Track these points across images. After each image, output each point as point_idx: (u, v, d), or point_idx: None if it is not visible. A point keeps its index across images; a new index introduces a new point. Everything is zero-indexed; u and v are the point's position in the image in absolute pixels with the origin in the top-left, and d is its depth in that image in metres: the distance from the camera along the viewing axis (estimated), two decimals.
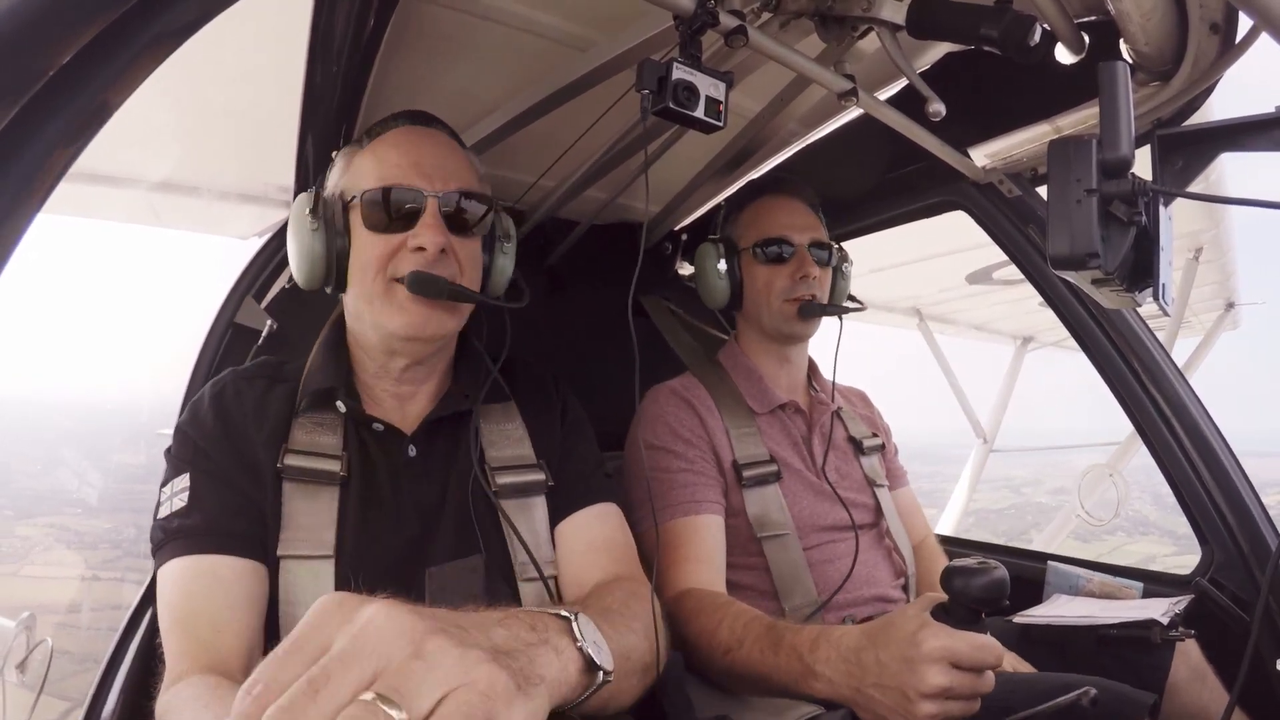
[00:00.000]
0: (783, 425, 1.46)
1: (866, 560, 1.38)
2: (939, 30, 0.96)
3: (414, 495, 1.01)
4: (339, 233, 1.01)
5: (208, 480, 0.94)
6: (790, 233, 1.43)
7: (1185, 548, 1.96)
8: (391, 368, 1.05)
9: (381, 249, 0.98)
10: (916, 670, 0.83)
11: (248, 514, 0.94)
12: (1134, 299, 0.76)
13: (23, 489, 6.33)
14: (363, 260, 0.99)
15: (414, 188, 0.98)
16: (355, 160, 1.04)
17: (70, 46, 0.48)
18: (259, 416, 1.00)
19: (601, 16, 1.18)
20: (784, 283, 1.41)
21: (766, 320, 1.44)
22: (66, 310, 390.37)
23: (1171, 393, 1.41)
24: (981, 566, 0.82)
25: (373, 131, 1.06)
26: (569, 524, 1.07)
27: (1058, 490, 26.47)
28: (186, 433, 0.98)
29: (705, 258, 1.48)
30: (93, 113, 0.51)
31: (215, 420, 0.98)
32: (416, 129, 1.06)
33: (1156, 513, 23.27)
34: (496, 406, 1.11)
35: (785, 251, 1.42)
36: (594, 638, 0.66)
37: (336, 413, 1.02)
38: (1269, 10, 0.73)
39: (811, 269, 1.40)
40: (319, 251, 1.00)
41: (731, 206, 1.54)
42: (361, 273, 0.99)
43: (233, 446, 0.97)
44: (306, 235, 1.00)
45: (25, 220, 0.49)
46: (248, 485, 0.95)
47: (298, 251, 1.01)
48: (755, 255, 1.44)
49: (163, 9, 0.52)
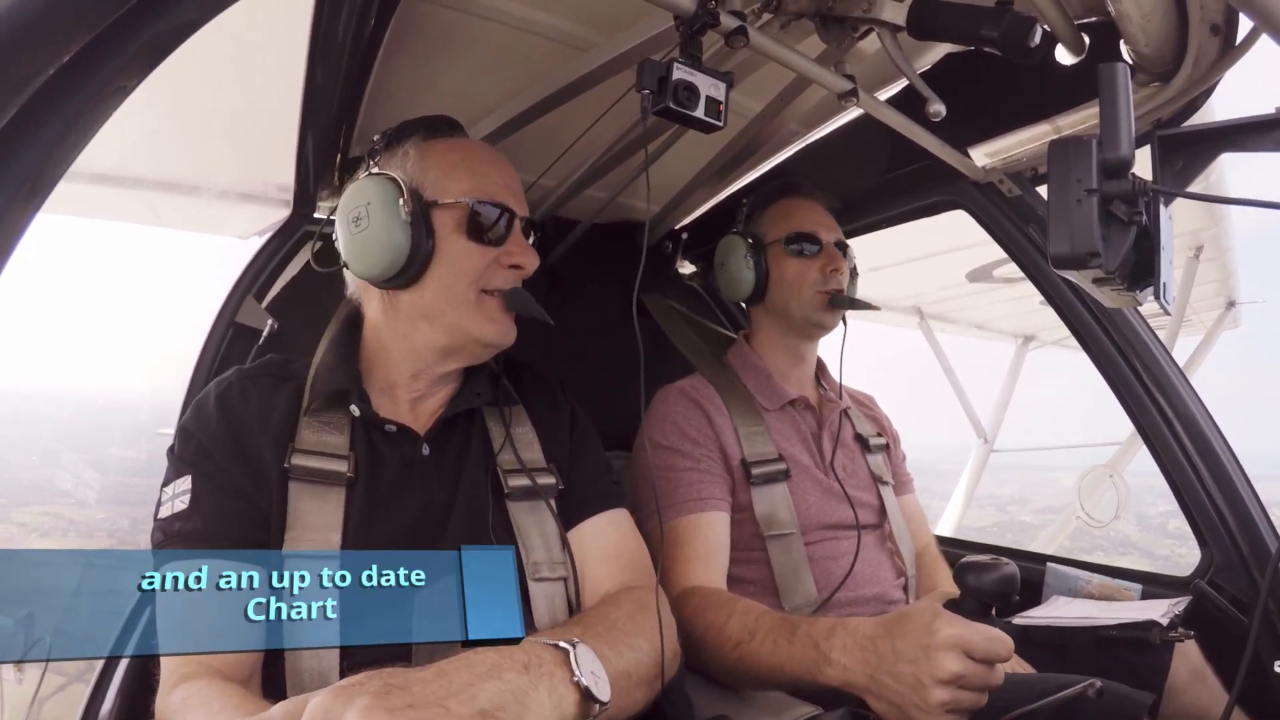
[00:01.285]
0: (793, 421, 1.46)
1: (869, 559, 1.39)
2: (939, 31, 0.96)
3: (425, 494, 1.01)
4: (425, 232, 0.98)
5: (209, 483, 0.94)
6: (820, 230, 1.49)
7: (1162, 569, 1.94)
8: (437, 370, 1.05)
9: (480, 261, 1.00)
10: (932, 657, 0.84)
11: (249, 518, 0.93)
12: (1135, 298, 0.76)
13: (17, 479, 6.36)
14: (458, 267, 0.99)
15: (509, 207, 1.03)
16: (434, 160, 1.02)
17: (70, 46, 0.48)
18: (265, 416, 0.99)
19: (602, 16, 1.18)
20: (815, 275, 1.45)
21: (796, 310, 1.47)
22: (65, 307, 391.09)
23: (1172, 392, 1.41)
24: (994, 562, 0.84)
25: (436, 130, 1.05)
26: (580, 531, 1.07)
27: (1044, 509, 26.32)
28: (191, 432, 0.97)
29: (732, 249, 1.51)
30: (93, 112, 0.51)
31: (220, 420, 0.97)
32: (483, 146, 1.10)
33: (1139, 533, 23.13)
34: (507, 410, 1.12)
35: (814, 248, 1.47)
36: (592, 667, 0.68)
37: (344, 412, 1.01)
38: (1269, 11, 0.73)
39: (841, 263, 1.46)
40: (403, 244, 0.96)
41: (756, 204, 1.57)
42: (454, 279, 0.99)
43: (237, 447, 0.96)
44: (395, 225, 0.96)
45: (25, 220, 0.49)
46: (250, 487, 0.94)
47: (381, 239, 0.96)
48: (787, 249, 1.47)
49: (163, 9, 0.52)
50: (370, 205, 0.97)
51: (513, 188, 1.05)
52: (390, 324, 1.05)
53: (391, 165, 1.02)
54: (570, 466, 1.11)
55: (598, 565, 1.05)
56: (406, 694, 0.59)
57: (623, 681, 0.77)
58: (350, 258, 1.01)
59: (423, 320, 1.02)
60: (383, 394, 1.06)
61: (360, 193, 0.99)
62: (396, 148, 1.04)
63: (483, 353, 1.06)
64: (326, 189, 1.50)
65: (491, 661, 0.63)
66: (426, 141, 1.04)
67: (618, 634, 0.83)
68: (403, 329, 1.04)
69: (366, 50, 1.13)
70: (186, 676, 0.82)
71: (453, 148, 1.04)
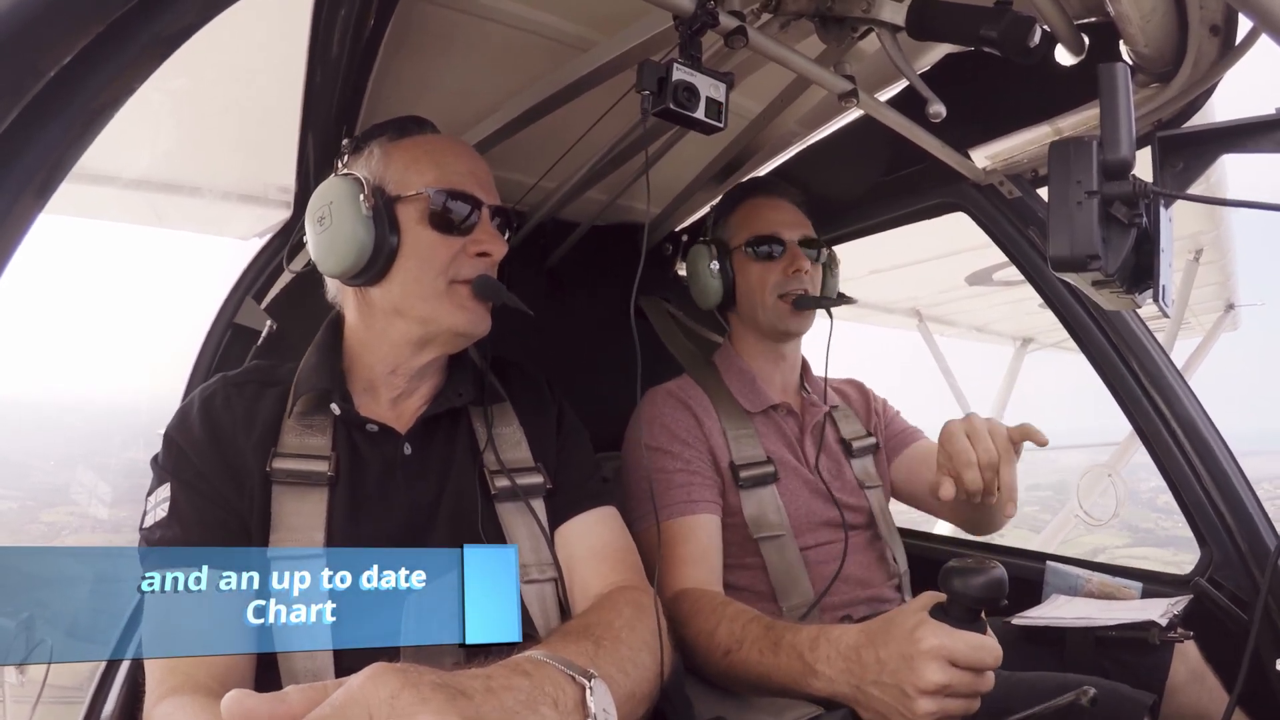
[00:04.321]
0: (776, 425, 1.46)
1: (861, 561, 1.39)
2: (939, 31, 0.96)
3: (409, 494, 1.01)
4: (389, 227, 0.99)
5: (188, 491, 0.93)
6: (780, 230, 1.45)
7: None
8: (414, 364, 1.05)
9: (446, 251, 1.00)
10: (915, 667, 0.83)
11: (228, 527, 0.93)
12: (1134, 300, 0.76)
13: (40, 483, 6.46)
14: (424, 259, 1.00)
15: (475, 196, 1.02)
16: (397, 156, 1.03)
17: (70, 46, 0.48)
18: (249, 422, 0.98)
19: (601, 16, 1.18)
20: (777, 278, 1.43)
21: (761, 317, 1.45)
22: (73, 312, 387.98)
23: (1171, 394, 1.41)
24: (979, 566, 0.82)
25: (405, 129, 1.06)
26: (569, 529, 1.07)
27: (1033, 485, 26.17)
28: (173, 439, 0.97)
29: (697, 259, 1.49)
30: (93, 113, 0.51)
31: (203, 428, 0.97)
32: (451, 139, 1.09)
33: None
34: (493, 409, 1.11)
35: (776, 249, 1.44)
36: (604, 704, 0.68)
37: (327, 414, 1.01)
38: (1269, 11, 0.73)
39: (803, 264, 1.42)
40: (365, 240, 0.97)
41: (721, 209, 1.56)
42: (421, 270, 1.00)
43: (219, 455, 0.95)
44: (357, 221, 0.97)
45: (27, 220, 0.49)
46: (232, 494, 0.94)
47: (344, 236, 0.97)
48: (747, 253, 1.46)
49: (163, 9, 0.52)
50: (332, 204, 0.98)
51: (479, 176, 1.04)
52: (366, 322, 1.05)
53: (357, 166, 1.03)
54: (558, 465, 1.11)
55: (587, 564, 1.04)
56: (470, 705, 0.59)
57: (628, 704, 0.78)
58: (318, 257, 1.01)
59: (395, 315, 1.03)
60: (364, 394, 1.06)
61: (323, 193, 1.00)
62: (363, 149, 1.05)
63: (457, 341, 1.05)
64: None
65: (527, 692, 0.64)
66: (393, 141, 1.05)
67: (623, 648, 0.84)
68: (379, 326, 1.04)
69: (366, 50, 1.12)
70: (173, 690, 0.81)
71: (417, 144, 1.05)
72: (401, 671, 0.57)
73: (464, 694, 0.60)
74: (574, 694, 0.68)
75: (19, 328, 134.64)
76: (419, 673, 0.58)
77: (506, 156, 1.48)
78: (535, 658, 0.71)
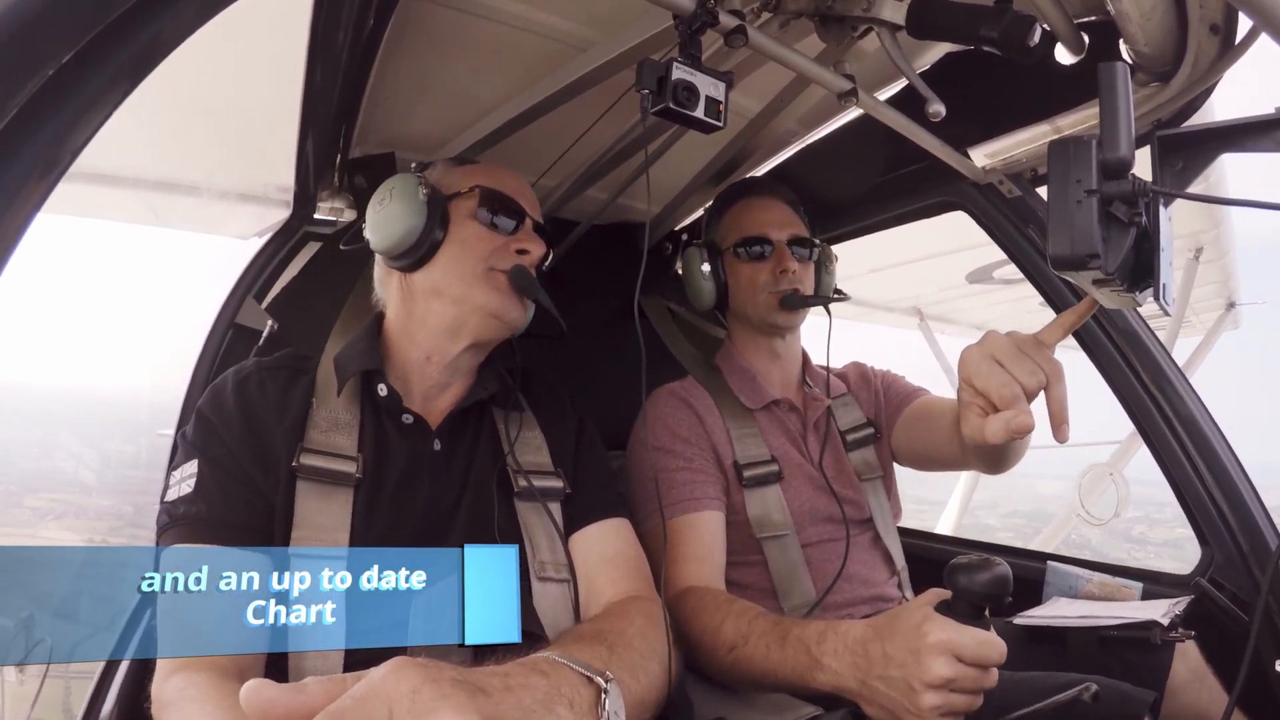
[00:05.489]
0: (779, 421, 1.47)
1: (863, 559, 1.39)
2: (939, 30, 0.96)
3: (433, 490, 1.02)
4: (440, 217, 1.08)
5: (216, 468, 0.94)
6: (769, 230, 1.46)
7: None
8: (449, 351, 1.09)
9: (489, 243, 1.09)
10: (921, 661, 0.83)
11: (253, 506, 0.94)
12: (1134, 299, 0.76)
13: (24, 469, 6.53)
14: (467, 245, 1.08)
15: (521, 207, 1.14)
16: (456, 171, 1.16)
17: (70, 46, 0.48)
18: (281, 408, 1.01)
19: (601, 16, 1.18)
20: (766, 278, 1.44)
21: (753, 314, 1.47)
22: (62, 304, 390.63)
23: (1172, 392, 1.41)
24: (984, 562, 0.83)
25: (463, 161, 1.20)
26: (583, 535, 1.08)
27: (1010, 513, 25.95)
28: (205, 416, 0.99)
29: (690, 261, 1.51)
30: (93, 113, 0.51)
31: (236, 406, 0.99)
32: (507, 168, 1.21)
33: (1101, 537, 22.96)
34: (516, 415, 1.15)
35: (765, 250, 1.45)
36: (616, 707, 0.69)
37: (353, 412, 1.04)
38: (1269, 11, 0.73)
39: (790, 264, 1.43)
40: (416, 223, 1.06)
41: (713, 211, 1.57)
42: (462, 255, 1.08)
43: (252, 435, 0.97)
44: (412, 204, 1.06)
45: (25, 220, 0.49)
46: (260, 476, 0.95)
47: (396, 215, 1.06)
48: (737, 255, 1.47)
49: (162, 9, 0.52)
50: (393, 190, 1.09)
51: (527, 196, 1.16)
52: (408, 309, 1.11)
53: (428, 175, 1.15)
54: (576, 472, 1.13)
55: (600, 570, 1.06)
56: (489, 702, 0.60)
57: (637, 709, 0.79)
58: (372, 233, 1.10)
59: (433, 296, 1.08)
60: (398, 384, 1.09)
61: (388, 182, 1.11)
62: (428, 167, 1.19)
63: (490, 324, 1.09)
64: (326, 190, 1.50)
65: (545, 691, 0.65)
66: (453, 163, 1.19)
67: (635, 655, 0.85)
68: (419, 311, 1.10)
69: (366, 50, 1.13)
70: (186, 664, 0.81)
71: (474, 165, 1.19)
72: (423, 666, 0.57)
73: (483, 691, 0.61)
74: (589, 695, 0.69)
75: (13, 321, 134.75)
76: (439, 668, 0.59)
77: (506, 155, 1.48)
78: (552, 658, 0.72)
